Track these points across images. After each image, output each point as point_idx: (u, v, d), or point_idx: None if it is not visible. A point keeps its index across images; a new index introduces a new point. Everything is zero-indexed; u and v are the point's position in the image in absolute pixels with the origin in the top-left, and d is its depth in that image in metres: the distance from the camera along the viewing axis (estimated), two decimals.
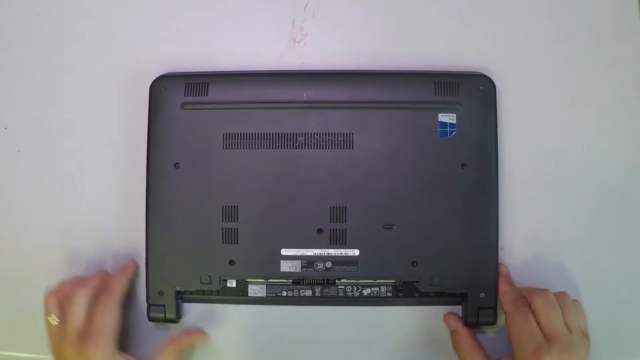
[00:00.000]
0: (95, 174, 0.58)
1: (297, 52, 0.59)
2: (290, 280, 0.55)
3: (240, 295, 0.55)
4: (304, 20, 0.59)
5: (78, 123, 0.58)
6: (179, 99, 0.55)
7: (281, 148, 0.55)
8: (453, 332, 0.55)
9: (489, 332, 0.56)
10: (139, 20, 0.59)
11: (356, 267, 0.54)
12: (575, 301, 0.53)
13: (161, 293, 0.54)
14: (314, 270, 0.54)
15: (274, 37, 0.59)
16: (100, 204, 0.58)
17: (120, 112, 0.58)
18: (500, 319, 0.55)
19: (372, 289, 0.56)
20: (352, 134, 0.55)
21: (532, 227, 0.57)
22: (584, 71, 0.58)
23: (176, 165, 0.55)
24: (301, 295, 0.55)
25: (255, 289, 0.55)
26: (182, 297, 0.55)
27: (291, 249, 0.54)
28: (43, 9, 0.60)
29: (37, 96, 0.59)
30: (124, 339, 0.55)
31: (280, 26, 0.59)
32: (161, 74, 0.56)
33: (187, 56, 0.58)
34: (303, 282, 0.55)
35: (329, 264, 0.54)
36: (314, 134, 0.55)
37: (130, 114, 0.57)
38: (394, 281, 0.55)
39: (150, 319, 0.55)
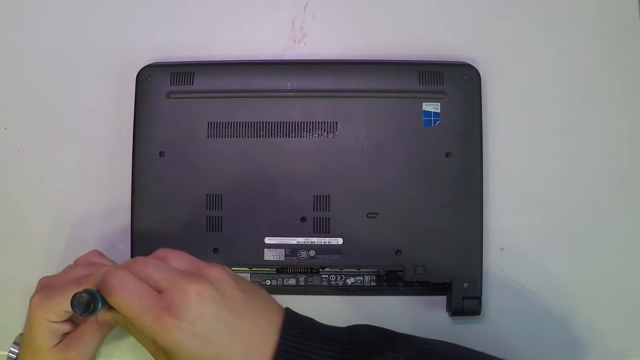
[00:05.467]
0: (84, 164, 0.58)
1: (297, 52, 0.59)
2: (274, 269, 0.55)
3: None
4: (304, 20, 0.60)
5: (76, 120, 0.59)
6: (164, 88, 0.55)
7: (266, 137, 0.55)
8: None
9: (474, 322, 0.56)
10: (134, 13, 0.60)
11: (340, 256, 0.54)
12: None
13: None
14: (298, 258, 0.54)
15: (274, 37, 0.59)
16: (89, 193, 0.58)
17: (109, 103, 0.59)
18: (485, 309, 0.55)
19: (356, 278, 0.56)
20: (336, 122, 0.55)
21: (521, 220, 0.57)
22: (574, 63, 0.58)
23: (161, 154, 0.55)
24: (285, 284, 0.55)
25: None
26: None
27: (275, 238, 0.54)
28: (43, 9, 0.60)
29: (37, 96, 0.59)
30: None
31: (280, 26, 0.60)
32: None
33: (183, 54, 0.59)
34: (287, 271, 0.55)
35: (312, 253, 0.54)
36: (298, 122, 0.55)
37: (118, 103, 0.58)
38: (377, 270, 0.55)
39: None
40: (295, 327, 0.43)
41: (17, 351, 0.51)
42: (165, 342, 0.40)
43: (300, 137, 0.55)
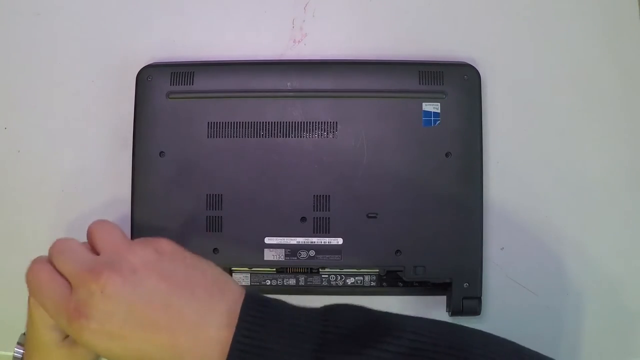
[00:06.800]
0: (84, 164, 0.58)
1: (297, 52, 0.59)
2: (274, 269, 0.55)
3: None
4: (304, 20, 0.60)
5: (76, 120, 0.59)
6: (164, 88, 0.55)
7: (266, 137, 0.55)
8: None
9: (474, 323, 0.56)
10: (134, 13, 0.60)
11: (339, 256, 0.54)
12: None
13: None
14: (298, 258, 0.54)
15: (274, 37, 0.59)
16: (89, 193, 0.58)
17: (109, 103, 0.59)
18: (485, 309, 0.55)
19: (356, 278, 0.56)
20: (336, 122, 0.55)
21: (521, 220, 0.57)
22: (574, 63, 0.58)
23: (161, 154, 0.55)
24: (285, 284, 0.55)
25: (240, 278, 0.56)
26: None
27: (275, 238, 0.54)
28: (43, 9, 0.60)
29: (37, 96, 0.59)
30: None
31: (280, 26, 0.60)
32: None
33: (183, 54, 0.59)
34: (287, 271, 0.55)
35: (312, 253, 0.54)
36: (298, 122, 0.55)
37: (118, 103, 0.58)
38: (377, 270, 0.55)
39: None
40: (254, 320, 0.37)
41: (22, 351, 0.50)
42: (83, 343, 0.38)
43: (300, 137, 0.55)
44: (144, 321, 0.37)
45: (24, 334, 0.51)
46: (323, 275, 0.56)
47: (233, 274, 0.56)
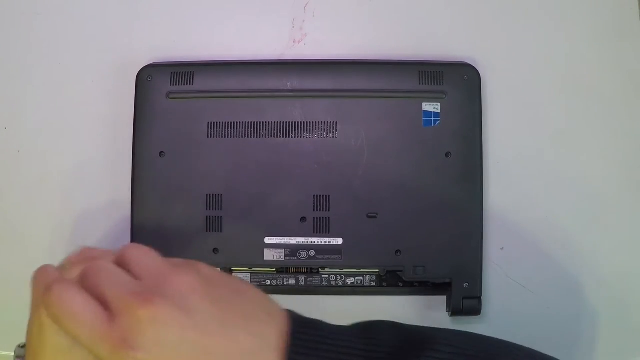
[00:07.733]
0: (84, 164, 0.58)
1: (297, 52, 0.59)
2: (274, 269, 0.55)
3: None
4: (304, 20, 0.60)
5: (76, 119, 0.59)
6: (164, 88, 0.55)
7: (266, 137, 0.55)
8: None
9: (474, 322, 0.56)
10: (134, 13, 0.60)
11: (339, 256, 0.54)
12: None
13: None
14: (298, 258, 0.55)
15: (274, 37, 0.59)
16: (89, 193, 0.58)
17: (109, 103, 0.59)
18: (485, 309, 0.55)
19: (356, 278, 0.56)
20: (336, 122, 0.55)
21: (521, 220, 0.57)
22: (574, 63, 0.58)
23: (161, 154, 0.55)
24: (285, 284, 0.55)
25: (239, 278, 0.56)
26: None
27: (275, 238, 0.54)
28: (43, 8, 0.60)
29: (37, 96, 0.59)
30: None
31: (280, 26, 0.60)
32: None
33: (183, 54, 0.59)
34: (287, 271, 0.55)
35: (312, 253, 0.54)
36: (298, 122, 0.55)
37: (118, 103, 0.58)
38: (377, 270, 0.55)
39: None
40: (302, 344, 0.37)
41: None
42: None
43: (300, 137, 0.55)
44: (198, 349, 0.34)
45: (21, 346, 0.49)
46: (323, 275, 0.56)
47: (233, 274, 0.56)
